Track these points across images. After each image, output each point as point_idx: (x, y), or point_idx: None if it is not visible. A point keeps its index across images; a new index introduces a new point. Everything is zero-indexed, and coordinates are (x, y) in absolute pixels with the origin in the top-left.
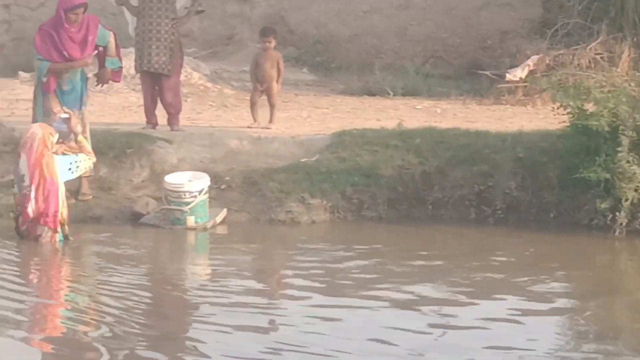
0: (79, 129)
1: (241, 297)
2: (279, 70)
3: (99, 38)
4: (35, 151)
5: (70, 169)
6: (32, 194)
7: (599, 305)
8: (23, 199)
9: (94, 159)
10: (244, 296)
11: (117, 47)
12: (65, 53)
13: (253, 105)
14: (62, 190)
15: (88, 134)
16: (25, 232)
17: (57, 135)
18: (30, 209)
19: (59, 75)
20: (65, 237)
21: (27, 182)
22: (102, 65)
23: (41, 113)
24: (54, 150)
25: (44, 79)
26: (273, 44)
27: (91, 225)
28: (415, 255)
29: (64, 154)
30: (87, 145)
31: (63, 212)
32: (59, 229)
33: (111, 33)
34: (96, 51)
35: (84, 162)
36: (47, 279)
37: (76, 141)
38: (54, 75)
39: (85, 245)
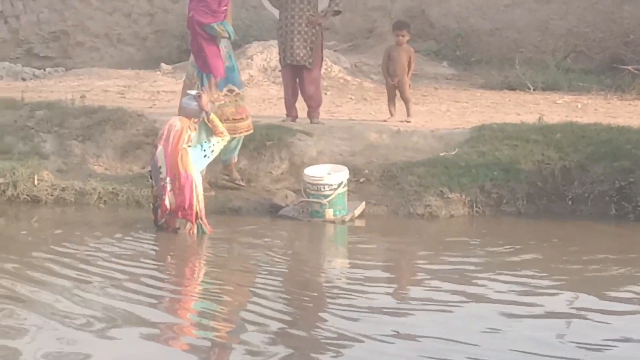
0: (210, 107)
1: (378, 297)
2: (410, 64)
3: None
4: (171, 143)
5: (205, 155)
6: (169, 187)
7: None
8: (160, 190)
9: (228, 137)
10: (381, 296)
11: None
12: (218, 15)
13: (390, 99)
14: (197, 183)
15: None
16: (164, 224)
17: (195, 133)
18: (168, 201)
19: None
20: (202, 230)
21: (163, 174)
22: None
23: None
24: (189, 144)
25: (225, 45)
26: (407, 37)
27: (230, 216)
28: (555, 253)
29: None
30: (219, 124)
31: (198, 205)
32: (196, 221)
33: None
34: None
35: (218, 145)
36: (184, 273)
37: (208, 120)
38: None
39: (224, 237)
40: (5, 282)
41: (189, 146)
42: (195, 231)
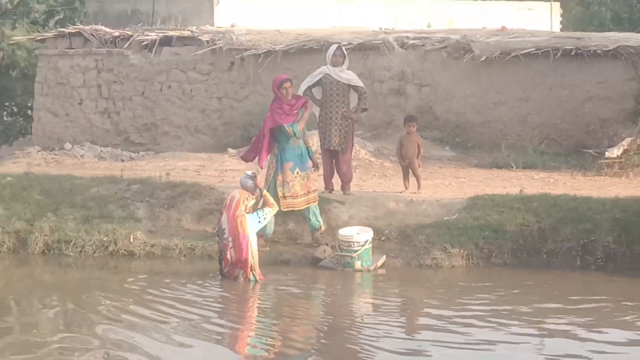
0: (267, 184)
1: (394, 331)
2: (419, 148)
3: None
4: (232, 211)
5: (259, 221)
6: (231, 244)
7: None
8: (224, 247)
9: (277, 208)
10: (397, 331)
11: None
12: (290, 117)
13: (404, 175)
14: (252, 242)
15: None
16: (227, 273)
17: (252, 201)
18: (229, 255)
19: (288, 142)
20: (255, 278)
21: (226, 235)
22: None
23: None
24: (247, 211)
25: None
26: (415, 128)
27: (281, 267)
28: (529, 295)
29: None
30: (270, 198)
31: (252, 259)
32: (250, 271)
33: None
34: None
35: (269, 213)
36: (242, 310)
37: (262, 195)
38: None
39: (275, 283)
40: (104, 326)
41: (248, 213)
42: (250, 279)
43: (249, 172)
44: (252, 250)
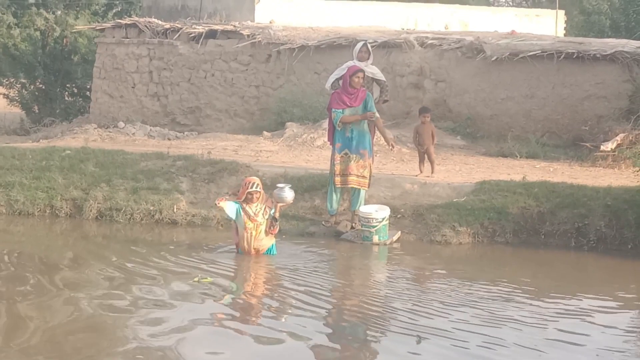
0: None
1: (405, 291)
2: (433, 136)
3: (367, 102)
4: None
5: (228, 216)
6: None
7: None
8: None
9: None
10: (407, 292)
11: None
12: (347, 103)
13: (420, 160)
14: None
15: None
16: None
17: (256, 185)
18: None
19: (345, 126)
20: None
21: None
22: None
23: (332, 164)
24: (243, 197)
25: (339, 126)
26: (429, 118)
27: (307, 238)
28: (530, 271)
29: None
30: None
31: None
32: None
33: (371, 95)
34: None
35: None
36: (255, 278)
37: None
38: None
39: (303, 252)
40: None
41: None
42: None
43: (280, 185)
44: (235, 234)
